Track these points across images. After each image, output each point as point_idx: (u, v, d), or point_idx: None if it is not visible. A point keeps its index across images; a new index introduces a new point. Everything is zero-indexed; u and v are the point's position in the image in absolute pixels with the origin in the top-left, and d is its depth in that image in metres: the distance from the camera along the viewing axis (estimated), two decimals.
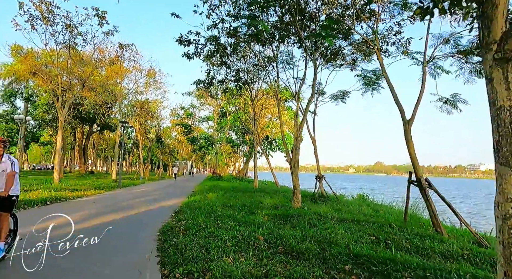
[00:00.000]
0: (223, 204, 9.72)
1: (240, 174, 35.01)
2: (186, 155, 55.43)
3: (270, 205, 10.05)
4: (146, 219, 7.50)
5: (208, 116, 36.20)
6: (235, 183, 23.00)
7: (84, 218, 7.40)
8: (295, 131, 10.03)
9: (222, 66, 11.75)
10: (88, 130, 34.74)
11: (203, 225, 6.22)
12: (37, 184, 14.71)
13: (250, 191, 15.14)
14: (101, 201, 11.12)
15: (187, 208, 8.67)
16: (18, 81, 31.31)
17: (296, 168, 9.85)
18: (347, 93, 15.58)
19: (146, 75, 29.32)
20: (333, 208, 9.87)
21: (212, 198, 12.05)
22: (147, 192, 15.81)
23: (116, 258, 4.30)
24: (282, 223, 7.16)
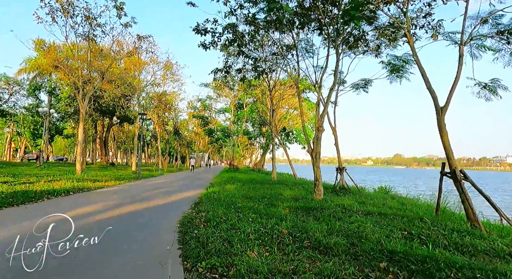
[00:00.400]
0: (243, 196, 9.54)
1: (257, 166, 34.87)
2: (203, 147, 55.92)
3: (291, 197, 9.78)
4: (165, 210, 7.42)
5: (225, 108, 36.09)
6: (253, 175, 22.86)
7: (106, 208, 7.40)
8: (316, 121, 9.64)
9: (239, 56, 11.42)
10: (108, 122, 35.49)
11: (223, 217, 6.04)
12: (60, 174, 15.11)
13: (269, 183, 14.92)
14: (122, 192, 11.22)
15: (207, 200, 8.54)
16: (42, 75, 32.32)
17: (317, 160, 9.50)
18: (369, 82, 14.95)
19: (163, 68, 29.49)
20: (356, 200, 9.49)
21: (231, 189, 11.91)
22: (166, 183, 15.91)
23: (137, 249, 4.18)
24: (304, 215, 6.89)
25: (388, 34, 11.06)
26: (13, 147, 45.08)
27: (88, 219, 6.07)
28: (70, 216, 6.31)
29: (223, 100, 38.82)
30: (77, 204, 7.89)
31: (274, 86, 16.68)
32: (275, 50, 11.64)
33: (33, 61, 30.81)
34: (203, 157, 64.56)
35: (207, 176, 24.21)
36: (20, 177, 12.81)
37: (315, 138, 9.48)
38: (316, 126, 9.58)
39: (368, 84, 15.04)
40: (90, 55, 16.40)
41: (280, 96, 18.53)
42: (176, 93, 33.24)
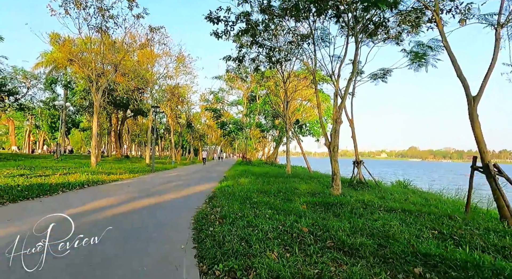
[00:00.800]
0: (258, 190, 9.29)
1: (270, 159, 34.57)
2: (215, 140, 56.04)
3: (307, 191, 9.46)
4: (179, 205, 7.24)
5: (238, 100, 35.75)
6: (266, 168, 22.61)
7: (119, 202, 7.29)
8: (334, 113, 9.22)
9: (253, 46, 11.02)
10: (122, 115, 35.84)
11: (239, 213, 5.79)
12: (75, 167, 15.27)
13: (283, 176, 14.62)
14: (136, 185, 11.16)
15: (221, 194, 8.33)
16: (57, 69, 32.81)
17: (335, 153, 9.10)
18: (389, 72, 14.31)
19: (176, 60, 29.37)
20: (376, 195, 9.10)
21: (245, 183, 11.69)
22: (179, 176, 15.85)
23: (150, 248, 3.97)
24: (323, 212, 6.57)
25: (411, 20, 10.41)
26: (31, 139, 46.36)
27: (100, 214, 5.94)
28: (83, 210, 6.24)
29: (235, 92, 38.58)
30: (90, 197, 7.82)
31: (288, 77, 16.21)
32: (290, 39, 11.17)
33: (49, 55, 31.29)
34: (216, 149, 64.79)
35: (220, 169, 24.12)
36: (36, 170, 12.98)
37: (333, 130, 9.07)
38: (333, 118, 9.16)
39: (387, 74, 14.42)
40: (103, 47, 16.33)
41: (294, 88, 18.05)
42: (189, 86, 33.16)
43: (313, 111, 34.90)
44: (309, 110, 34.69)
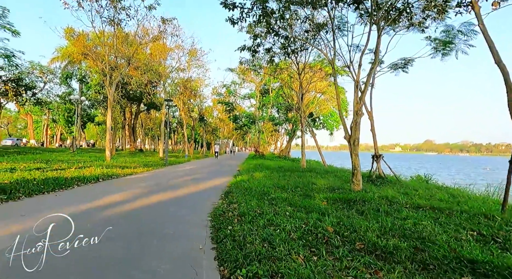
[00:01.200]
0: (274, 185, 8.98)
1: (283, 152, 34.19)
2: (227, 133, 55.96)
3: (325, 187, 9.09)
4: (195, 200, 7.02)
5: (250, 93, 35.33)
6: (280, 162, 22.27)
7: (134, 196, 7.13)
8: (355, 104, 8.74)
9: (268, 35, 10.58)
10: (136, 109, 36.08)
11: (258, 210, 5.50)
12: (90, 161, 15.34)
13: (298, 170, 14.26)
14: (150, 179, 11.05)
15: (237, 189, 8.06)
16: (72, 63, 33.18)
17: (356, 147, 8.67)
18: (410, 61, 13.64)
19: (188, 54, 29.19)
20: (399, 191, 8.65)
21: (260, 177, 11.41)
22: (192, 170, 15.72)
23: (166, 247, 3.73)
24: (345, 209, 6.22)
25: (438, 5, 9.74)
26: (49, 133, 47.50)
27: (114, 209, 5.77)
28: (97, 205, 6.10)
29: (247, 86, 38.16)
30: (105, 192, 7.70)
31: (303, 68, 15.70)
32: (307, 28, 10.67)
33: (64, 49, 31.64)
34: (228, 143, 64.80)
35: (233, 162, 23.95)
36: (52, 164, 13.07)
37: (353, 123, 8.62)
38: (354, 110, 8.70)
39: (408, 64, 13.75)
40: (116, 40, 16.21)
41: (309, 80, 17.51)
42: (201, 79, 32.97)
43: (326, 104, 34.21)
44: (323, 103, 34.00)
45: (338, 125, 35.38)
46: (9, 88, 19.23)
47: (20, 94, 20.60)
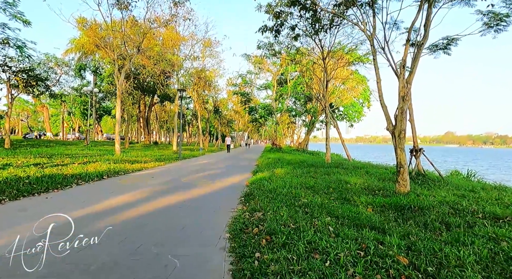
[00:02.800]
0: (302, 185, 7.64)
1: (302, 145, 32.65)
2: (242, 126, 54.78)
3: (362, 187, 7.68)
4: (208, 204, 5.79)
5: (267, 83, 33.72)
6: (300, 156, 20.85)
7: (137, 200, 5.98)
8: (401, 88, 7.21)
9: (293, 9, 9.10)
10: (149, 101, 35.37)
11: (291, 224, 4.19)
12: (98, 155, 14.45)
13: (323, 166, 12.84)
14: (160, 176, 9.95)
15: (259, 190, 6.77)
16: (86, 55, 32.65)
17: (402, 139, 7.16)
18: (454, 41, 11.79)
19: (202, 44, 27.98)
20: (453, 193, 7.16)
21: (282, 174, 10.10)
22: (207, 165, 14.59)
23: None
24: (399, 219, 4.85)
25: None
26: (66, 126, 47.79)
27: (109, 218, 4.61)
28: (90, 212, 4.93)
29: (263, 77, 36.53)
30: (105, 193, 6.60)
31: (328, 52, 14.10)
32: (338, 1, 9.07)
33: (77, 40, 31.08)
34: (243, 136, 63.75)
35: (249, 156, 22.73)
36: (55, 158, 12.17)
37: (399, 111, 7.10)
38: (400, 95, 7.16)
39: (452, 44, 11.91)
40: (125, 25, 15.08)
41: (333, 66, 15.87)
42: (216, 70, 31.71)
43: (347, 94, 32.29)
44: (343, 93, 32.11)
45: (360, 116, 33.42)
46: (19, 79, 18.60)
47: (31, 86, 19.96)
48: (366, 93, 33.98)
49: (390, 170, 11.75)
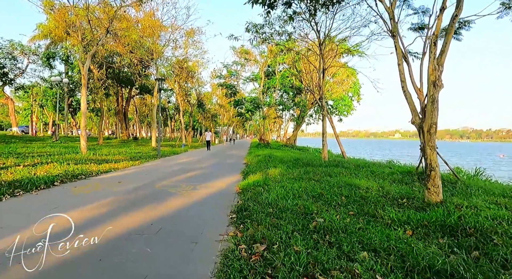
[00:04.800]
0: (307, 193, 6.09)
1: (290, 141, 31.24)
2: (227, 120, 52.84)
3: (380, 193, 6.22)
4: (185, 229, 4.14)
5: (254, 75, 31.88)
6: (291, 153, 19.40)
7: (83, 221, 4.23)
8: (431, 71, 5.75)
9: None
10: (128, 93, 32.89)
11: (313, 267, 2.62)
12: (59, 154, 12.33)
13: (321, 165, 11.37)
14: (130, 180, 8.16)
15: (255, 203, 5.15)
16: (55, 42, 29.72)
17: (432, 135, 5.73)
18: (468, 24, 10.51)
19: (184, 34, 25.86)
20: (484, 199, 5.88)
21: (276, 176, 8.54)
22: (189, 164, 12.84)
23: None
24: (458, 249, 3.39)
25: None
26: (36, 120, 44.16)
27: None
28: None
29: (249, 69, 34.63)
30: (43, 209, 4.80)
31: (325, 37, 12.57)
32: None
33: (44, 26, 28.16)
34: (228, 131, 61.81)
35: (236, 153, 21.08)
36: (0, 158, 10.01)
37: (429, 99, 5.65)
38: (430, 81, 5.70)
39: (464, 27, 10.63)
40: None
41: (332, 52, 14.37)
42: (199, 61, 29.61)
43: (337, 87, 31.10)
44: (333, 86, 30.88)
45: (350, 110, 32.33)
46: None
47: None
48: (356, 86, 32.91)
49: (397, 170, 10.41)
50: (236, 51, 31.70)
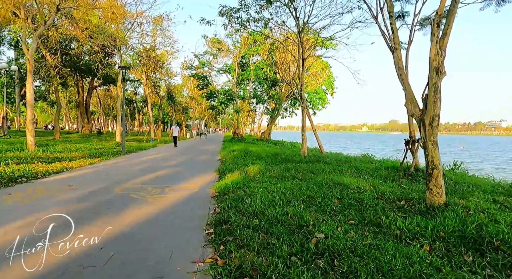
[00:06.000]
0: (294, 194, 5.26)
1: (265, 135, 30.49)
2: (199, 114, 51.03)
3: (375, 195, 5.55)
4: (149, 250, 3.13)
5: (228, 66, 30.51)
6: (267, 147, 18.62)
7: (4, 243, 3.06)
8: (433, 55, 5.10)
9: None
10: (89, 84, 30.25)
11: None
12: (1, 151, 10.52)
13: (301, 160, 10.67)
14: (84, 182, 6.88)
15: (236, 213, 4.20)
16: (1, 25, 26.43)
17: (434, 129, 5.10)
18: None
19: (152, 22, 23.95)
20: (485, 198, 5.46)
21: (256, 174, 7.69)
22: (157, 161, 11.61)
23: None
24: (494, 272, 2.73)
25: None
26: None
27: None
28: None
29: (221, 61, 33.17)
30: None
31: (304, 25, 11.77)
32: None
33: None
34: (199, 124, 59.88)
35: (209, 148, 19.94)
36: None
37: (431, 89, 5.01)
38: (433, 66, 5.05)
39: None
40: None
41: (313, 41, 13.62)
42: (169, 51, 27.74)
43: (311, 80, 30.72)
44: (307, 79, 30.48)
45: (324, 104, 32.20)
46: None
47: None
48: (329, 79, 32.78)
49: (381, 165, 9.96)
50: (207, 41, 30.18)
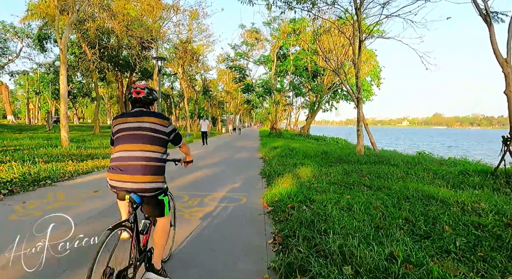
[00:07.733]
0: (382, 215, 3.74)
1: (304, 130, 28.72)
2: (234, 108, 50.34)
3: (495, 218, 3.84)
4: None
5: (265, 57, 28.99)
6: (310, 144, 16.98)
7: None
8: None
9: None
10: (128, 79, 30.60)
11: None
12: (32, 148, 10.06)
13: (358, 161, 8.95)
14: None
15: (310, 252, 2.80)
16: (48, 23, 27.37)
17: None
18: None
19: (188, 15, 23.33)
20: None
21: (309, 177, 6.23)
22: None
23: None
24: None
25: None
26: (32, 108, 42.16)
27: None
28: None
29: (256, 54, 31.73)
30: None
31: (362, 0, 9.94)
32: None
33: (34, 5, 25.76)
34: (234, 119, 59.35)
35: (246, 144, 18.74)
36: None
37: None
38: None
39: None
40: None
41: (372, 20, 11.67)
42: (205, 44, 26.98)
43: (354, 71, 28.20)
44: (350, 69, 28.08)
45: (369, 96, 29.51)
46: None
47: None
48: (375, 69, 29.99)
49: (466, 168, 7.90)
50: (244, 32, 28.91)
